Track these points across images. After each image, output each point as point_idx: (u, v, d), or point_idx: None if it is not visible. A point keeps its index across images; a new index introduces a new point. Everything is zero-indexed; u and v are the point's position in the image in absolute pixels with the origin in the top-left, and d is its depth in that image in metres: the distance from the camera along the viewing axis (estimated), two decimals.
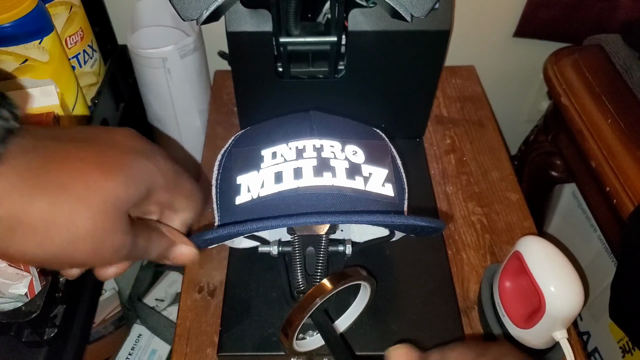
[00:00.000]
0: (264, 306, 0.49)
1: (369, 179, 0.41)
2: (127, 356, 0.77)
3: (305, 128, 0.44)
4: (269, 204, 0.40)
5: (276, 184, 0.40)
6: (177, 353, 0.50)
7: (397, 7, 0.45)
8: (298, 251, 0.44)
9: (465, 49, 0.81)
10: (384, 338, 0.47)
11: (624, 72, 0.65)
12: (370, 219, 0.38)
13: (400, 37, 0.53)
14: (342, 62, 0.56)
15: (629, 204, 0.56)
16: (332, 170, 0.41)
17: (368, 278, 0.42)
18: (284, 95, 0.59)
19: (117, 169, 0.26)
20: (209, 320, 0.52)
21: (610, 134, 0.61)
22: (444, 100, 0.76)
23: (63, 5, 0.57)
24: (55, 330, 0.49)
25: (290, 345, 0.41)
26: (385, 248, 0.53)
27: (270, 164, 0.42)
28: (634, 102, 0.62)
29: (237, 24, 0.51)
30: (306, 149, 0.42)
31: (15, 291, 0.46)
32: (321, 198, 0.40)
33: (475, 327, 0.51)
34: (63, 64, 0.55)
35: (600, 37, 0.70)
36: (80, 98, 0.59)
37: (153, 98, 0.71)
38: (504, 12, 0.77)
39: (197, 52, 0.68)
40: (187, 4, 0.45)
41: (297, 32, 0.51)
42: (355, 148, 0.43)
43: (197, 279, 0.55)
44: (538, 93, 0.88)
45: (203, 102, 0.75)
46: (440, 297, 0.50)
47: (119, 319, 0.80)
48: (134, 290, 0.77)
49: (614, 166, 0.59)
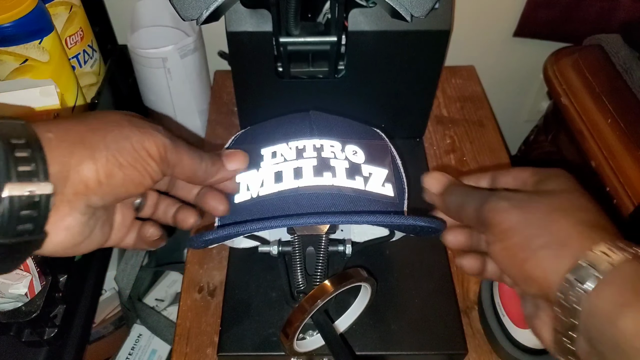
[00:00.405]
0: (264, 306, 0.49)
1: (369, 179, 0.41)
2: (127, 356, 0.77)
3: (305, 128, 0.44)
4: (269, 203, 0.40)
5: (276, 184, 0.40)
6: (177, 353, 0.50)
7: (397, 7, 0.45)
8: (298, 251, 0.44)
9: (465, 49, 0.81)
10: (384, 338, 0.47)
11: (624, 72, 0.65)
12: (370, 219, 0.38)
13: (400, 37, 0.53)
14: (342, 62, 0.56)
15: (629, 204, 0.56)
16: (332, 170, 0.41)
17: (368, 279, 0.42)
18: (284, 95, 0.59)
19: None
20: (209, 320, 0.52)
21: (610, 134, 0.61)
22: (444, 100, 0.76)
23: (63, 5, 0.57)
24: (55, 330, 0.49)
25: (290, 346, 0.41)
26: (385, 248, 0.53)
27: (270, 163, 0.42)
28: (634, 102, 0.62)
29: (237, 24, 0.51)
30: (306, 148, 0.42)
31: (15, 291, 0.46)
32: (321, 198, 0.40)
33: (475, 327, 0.51)
34: (63, 64, 0.55)
35: (600, 37, 0.70)
36: (80, 98, 0.59)
37: (153, 98, 0.71)
38: (504, 12, 0.77)
39: (197, 52, 0.68)
40: (187, 4, 0.45)
41: (297, 32, 0.51)
42: (355, 148, 0.43)
43: (197, 279, 0.55)
44: (538, 93, 0.88)
45: (203, 102, 0.75)
46: (440, 297, 0.50)
47: (119, 319, 0.80)
48: (134, 290, 0.77)
49: (614, 166, 0.59)
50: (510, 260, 0.31)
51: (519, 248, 0.31)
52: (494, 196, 0.33)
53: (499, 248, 0.32)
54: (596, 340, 0.27)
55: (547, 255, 0.29)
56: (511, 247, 0.31)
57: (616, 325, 0.25)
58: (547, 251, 0.29)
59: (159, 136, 0.31)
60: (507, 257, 0.32)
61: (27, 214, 0.26)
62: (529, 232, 0.31)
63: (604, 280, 0.27)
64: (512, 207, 0.32)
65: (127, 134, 0.30)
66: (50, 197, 0.26)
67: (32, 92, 0.49)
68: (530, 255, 0.30)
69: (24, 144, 0.26)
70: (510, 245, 0.31)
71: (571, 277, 0.28)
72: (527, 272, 0.30)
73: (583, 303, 0.27)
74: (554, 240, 0.29)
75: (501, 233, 0.32)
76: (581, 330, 0.28)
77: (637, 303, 0.25)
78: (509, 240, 0.31)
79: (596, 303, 0.27)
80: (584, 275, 0.27)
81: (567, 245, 0.29)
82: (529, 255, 0.30)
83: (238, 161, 0.38)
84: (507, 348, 0.47)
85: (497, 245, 0.32)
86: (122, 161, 0.29)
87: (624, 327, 0.25)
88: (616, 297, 0.26)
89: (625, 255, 0.27)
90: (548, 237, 0.30)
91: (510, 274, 0.32)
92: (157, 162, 0.31)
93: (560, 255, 0.29)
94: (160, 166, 0.31)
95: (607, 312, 0.26)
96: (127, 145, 0.30)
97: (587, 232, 0.29)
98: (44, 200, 0.26)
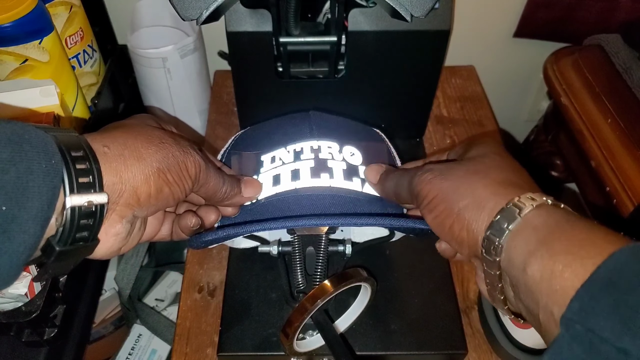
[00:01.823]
0: (264, 306, 0.49)
1: (365, 180, 0.41)
2: (127, 356, 0.77)
3: (305, 128, 0.44)
4: (269, 204, 0.40)
5: (274, 187, 0.41)
6: (177, 353, 0.50)
7: (397, 7, 0.45)
8: (298, 251, 0.44)
9: (465, 49, 0.81)
10: (384, 338, 0.47)
11: (624, 72, 0.65)
12: (370, 222, 0.38)
13: (400, 37, 0.53)
14: (342, 62, 0.56)
15: (629, 204, 0.56)
16: (329, 172, 0.41)
17: (368, 279, 0.42)
18: (284, 95, 0.59)
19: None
20: (209, 320, 0.52)
21: (610, 134, 0.61)
22: (444, 100, 0.76)
23: (63, 5, 0.57)
24: (55, 330, 0.49)
25: (290, 346, 0.41)
26: (385, 248, 0.53)
27: (268, 168, 0.42)
28: (634, 102, 0.62)
29: (237, 24, 0.51)
30: (304, 150, 0.42)
31: (15, 291, 0.46)
32: (320, 198, 0.40)
33: (475, 327, 0.51)
34: (63, 64, 0.55)
35: (600, 37, 0.70)
36: (80, 98, 0.59)
37: (153, 98, 0.71)
38: (504, 12, 0.77)
39: (197, 52, 0.68)
40: (187, 4, 0.45)
41: (297, 32, 0.51)
42: (353, 149, 0.43)
43: (197, 279, 0.55)
44: (538, 93, 0.88)
45: (203, 102, 0.75)
46: (440, 297, 0.50)
47: (119, 319, 0.80)
48: (134, 290, 0.77)
49: (614, 166, 0.59)
50: (441, 228, 0.33)
51: (445, 214, 0.33)
52: (419, 170, 0.36)
53: (431, 218, 0.34)
54: (515, 287, 0.30)
55: (468, 216, 0.31)
56: (439, 214, 0.33)
57: (526, 273, 0.27)
58: (468, 213, 0.31)
59: (197, 157, 0.34)
60: (438, 225, 0.34)
61: (85, 223, 0.27)
62: (450, 197, 0.33)
63: (513, 231, 0.29)
64: (434, 177, 0.34)
65: (173, 152, 0.32)
66: (104, 207, 0.28)
67: (32, 92, 0.49)
68: (455, 219, 0.32)
69: (82, 156, 0.27)
70: (438, 213, 0.33)
71: (488, 233, 0.30)
72: (456, 235, 0.32)
73: (500, 255, 0.30)
74: (473, 202, 0.32)
75: (430, 204, 0.34)
76: (505, 280, 0.31)
77: (541, 250, 0.27)
78: (437, 209, 0.33)
79: (509, 254, 0.29)
80: (497, 229, 0.30)
81: (483, 204, 0.31)
82: (454, 220, 0.32)
83: (254, 189, 0.41)
84: (507, 348, 0.47)
85: (428, 216, 0.34)
86: (169, 178, 0.32)
87: (531, 274, 0.27)
88: (524, 247, 0.28)
89: (533, 204, 0.29)
90: (467, 200, 0.32)
91: (445, 240, 0.34)
92: (192, 180, 0.33)
93: (478, 214, 0.31)
94: (194, 184, 0.34)
95: (518, 262, 0.28)
96: (173, 163, 0.32)
97: (502, 190, 0.31)
98: (100, 210, 0.28)
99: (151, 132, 0.33)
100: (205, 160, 0.35)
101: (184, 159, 0.33)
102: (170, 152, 0.32)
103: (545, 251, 0.27)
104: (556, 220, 0.28)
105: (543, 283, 0.26)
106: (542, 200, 0.30)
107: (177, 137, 0.34)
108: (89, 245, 0.29)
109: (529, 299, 0.28)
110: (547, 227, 0.28)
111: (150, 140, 0.32)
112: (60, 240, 0.27)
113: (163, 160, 0.31)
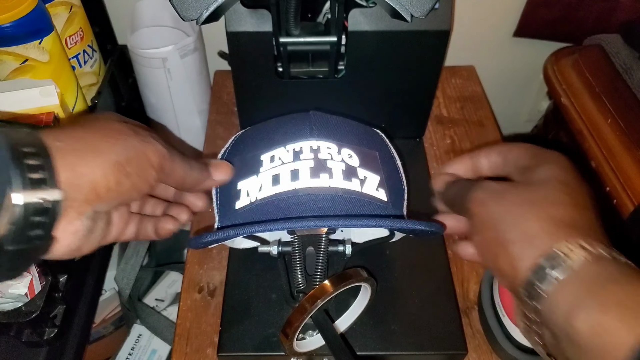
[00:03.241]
0: (264, 306, 0.49)
1: (364, 181, 0.41)
2: (127, 356, 0.77)
3: (305, 129, 0.44)
4: (269, 205, 0.40)
5: (273, 186, 0.41)
6: (177, 353, 0.50)
7: (397, 7, 0.45)
8: (298, 251, 0.44)
9: (465, 49, 0.81)
10: (384, 338, 0.47)
11: (624, 72, 0.65)
12: (370, 223, 0.38)
13: (400, 37, 0.53)
14: (342, 62, 0.56)
15: (629, 204, 0.56)
16: (329, 172, 0.41)
17: (368, 279, 0.42)
18: (284, 95, 0.59)
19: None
20: (209, 320, 0.52)
21: (610, 134, 0.61)
22: (444, 100, 0.76)
23: (63, 5, 0.57)
24: (55, 330, 0.49)
25: (290, 346, 0.41)
26: (385, 248, 0.53)
27: (268, 168, 0.42)
28: (634, 102, 0.62)
29: (237, 24, 0.51)
30: (303, 150, 0.42)
31: (15, 291, 0.46)
32: (320, 198, 0.40)
33: (475, 328, 0.51)
34: (63, 64, 0.55)
35: (600, 37, 0.70)
36: (80, 98, 0.59)
37: (153, 98, 0.71)
38: (504, 12, 0.77)
39: (197, 52, 0.68)
40: (187, 4, 0.45)
41: (297, 32, 0.51)
42: (350, 152, 0.43)
43: (197, 279, 0.55)
44: (538, 93, 0.88)
45: (203, 102, 0.75)
46: (440, 297, 0.50)
47: (119, 319, 0.80)
48: (134, 290, 0.77)
49: (614, 166, 0.59)
50: (486, 253, 0.32)
51: (492, 242, 0.31)
52: (475, 186, 0.34)
53: (478, 240, 0.33)
54: (557, 337, 0.28)
55: (514, 252, 0.30)
56: (487, 240, 0.32)
57: (572, 326, 0.26)
58: (515, 248, 0.30)
59: (158, 146, 0.33)
60: (484, 250, 0.33)
61: (38, 220, 0.26)
62: (500, 226, 0.31)
63: (561, 281, 0.27)
64: (488, 199, 0.33)
65: (133, 144, 0.31)
66: (59, 204, 0.27)
67: (32, 92, 0.49)
68: (502, 250, 0.30)
69: (34, 152, 0.26)
70: (486, 238, 0.32)
71: (532, 277, 0.28)
72: (499, 266, 0.31)
73: (542, 302, 0.28)
74: (522, 237, 0.30)
75: (479, 225, 0.33)
76: (544, 326, 0.29)
77: (590, 305, 0.26)
78: (485, 233, 0.32)
79: (554, 304, 0.27)
80: (541, 275, 0.28)
81: (532, 242, 0.29)
82: (501, 250, 0.31)
83: (224, 171, 0.40)
84: (507, 348, 0.47)
85: (476, 237, 0.33)
86: (129, 170, 0.30)
87: (579, 328, 0.26)
88: (571, 299, 0.27)
89: (584, 256, 0.27)
90: (516, 234, 0.30)
91: (487, 266, 0.33)
92: (156, 170, 0.32)
93: (525, 252, 0.29)
94: (158, 174, 0.33)
95: (564, 313, 0.27)
96: (133, 155, 0.31)
97: (554, 229, 0.29)
98: (54, 207, 0.27)
99: (109, 125, 0.32)
100: (168, 148, 0.34)
101: (144, 149, 0.32)
102: (129, 143, 0.31)
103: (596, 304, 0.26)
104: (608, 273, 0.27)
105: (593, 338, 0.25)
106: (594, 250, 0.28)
107: (137, 128, 0.33)
108: (45, 244, 0.28)
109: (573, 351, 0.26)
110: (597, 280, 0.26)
111: (107, 134, 0.31)
112: (13, 239, 0.25)
113: (122, 152, 0.30)
